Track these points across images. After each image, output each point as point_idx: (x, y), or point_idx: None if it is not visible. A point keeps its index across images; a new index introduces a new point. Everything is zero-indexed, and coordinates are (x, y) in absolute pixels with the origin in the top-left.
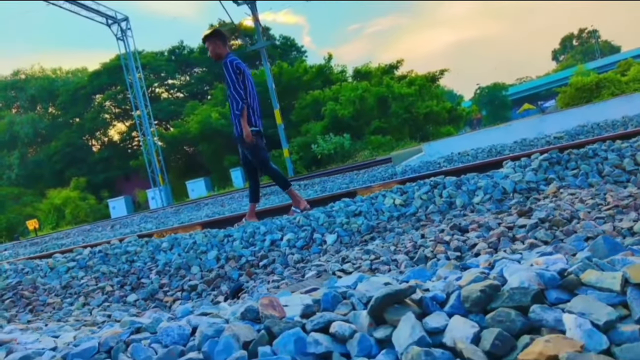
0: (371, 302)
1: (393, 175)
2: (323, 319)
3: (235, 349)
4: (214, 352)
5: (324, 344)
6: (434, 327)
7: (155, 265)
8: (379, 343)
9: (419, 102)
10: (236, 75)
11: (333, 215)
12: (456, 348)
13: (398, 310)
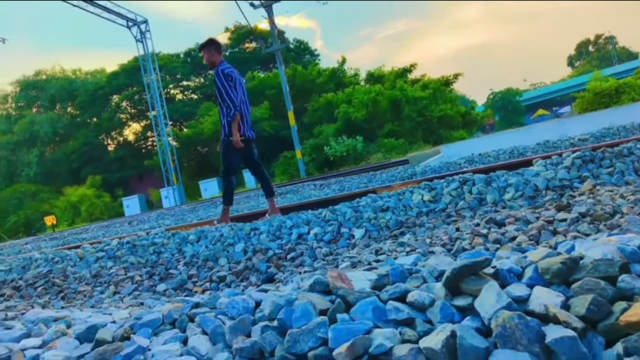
0: (447, 274)
1: (413, 175)
2: (399, 289)
3: (313, 315)
4: (291, 319)
5: (405, 311)
6: (517, 295)
7: (182, 256)
8: (459, 311)
9: (432, 105)
10: (228, 82)
11: (360, 211)
12: (548, 313)
13: (475, 281)
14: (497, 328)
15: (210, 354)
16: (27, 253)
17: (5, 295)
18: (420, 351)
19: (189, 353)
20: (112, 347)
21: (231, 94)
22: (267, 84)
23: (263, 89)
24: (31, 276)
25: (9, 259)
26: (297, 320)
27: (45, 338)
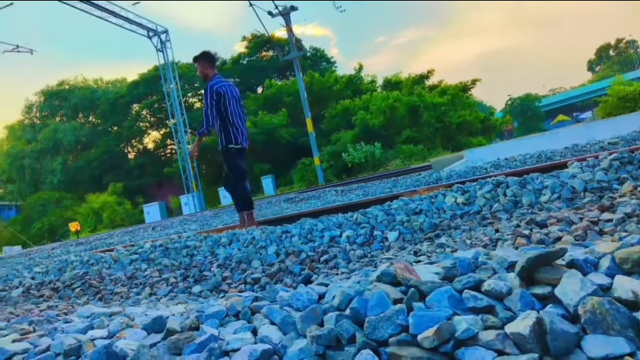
0: (521, 264)
1: (438, 180)
2: (473, 279)
3: (389, 304)
4: (365, 307)
5: (484, 299)
6: (599, 283)
7: (215, 259)
8: (539, 299)
9: (451, 111)
10: (212, 100)
11: (392, 214)
12: (637, 300)
13: (552, 270)
14: (586, 314)
15: (284, 341)
16: (61, 256)
17: (45, 296)
18: (507, 336)
19: (262, 341)
20: (184, 336)
21: (208, 112)
22: (285, 91)
23: (281, 96)
24: (68, 278)
25: (45, 262)
26: (372, 309)
27: (110, 329)
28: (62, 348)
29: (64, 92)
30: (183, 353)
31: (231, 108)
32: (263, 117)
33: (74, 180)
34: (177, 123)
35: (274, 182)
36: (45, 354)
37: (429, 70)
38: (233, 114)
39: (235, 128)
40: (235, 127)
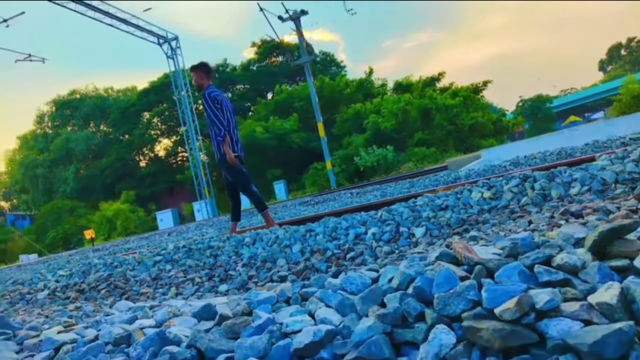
0: (593, 238)
1: (457, 179)
2: (542, 255)
3: (457, 280)
4: (430, 286)
5: (560, 273)
6: None
7: (240, 258)
8: (617, 271)
9: (463, 113)
10: (215, 105)
11: (417, 210)
12: None
13: (626, 243)
14: None
15: (346, 322)
16: (81, 262)
17: (71, 297)
18: (591, 306)
19: (322, 322)
20: (239, 321)
21: (219, 116)
22: (295, 96)
23: (291, 101)
24: (93, 280)
25: (68, 265)
26: (439, 286)
27: (157, 319)
28: (111, 337)
29: (75, 101)
30: (241, 336)
31: (227, 117)
32: (274, 123)
33: (86, 189)
34: (189, 130)
35: (286, 187)
36: (94, 343)
37: (440, 72)
38: (230, 123)
39: (231, 137)
40: (232, 135)
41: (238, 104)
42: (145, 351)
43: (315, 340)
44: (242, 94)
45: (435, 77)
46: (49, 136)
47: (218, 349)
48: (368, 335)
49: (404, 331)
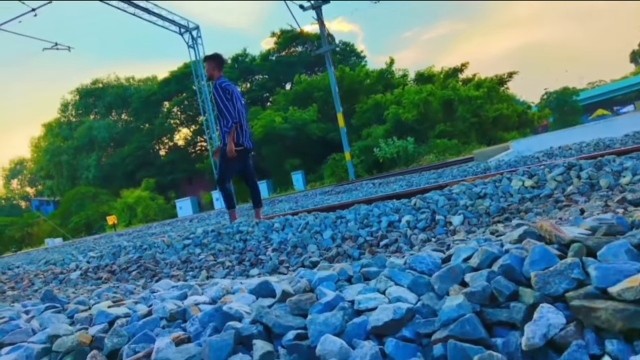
0: None
1: (487, 170)
2: None
3: (555, 258)
4: (521, 263)
5: None
6: None
7: (269, 243)
8: None
9: (487, 105)
10: (225, 95)
11: (454, 198)
12: None
13: None
14: None
15: (425, 300)
16: (107, 245)
17: (103, 278)
18: None
19: (398, 300)
20: (305, 297)
21: (229, 106)
22: (315, 86)
23: (311, 91)
24: (123, 262)
25: (98, 247)
26: (534, 264)
27: (212, 295)
28: (165, 312)
29: (98, 90)
30: (309, 313)
31: (238, 107)
32: (294, 113)
33: (108, 176)
34: (208, 119)
35: (304, 178)
36: (149, 317)
37: (463, 63)
38: (240, 114)
39: (240, 127)
40: (240, 126)
41: (257, 94)
42: (204, 327)
43: (396, 318)
44: (261, 84)
45: (458, 68)
46: (73, 124)
47: (286, 325)
48: (458, 314)
49: (497, 311)
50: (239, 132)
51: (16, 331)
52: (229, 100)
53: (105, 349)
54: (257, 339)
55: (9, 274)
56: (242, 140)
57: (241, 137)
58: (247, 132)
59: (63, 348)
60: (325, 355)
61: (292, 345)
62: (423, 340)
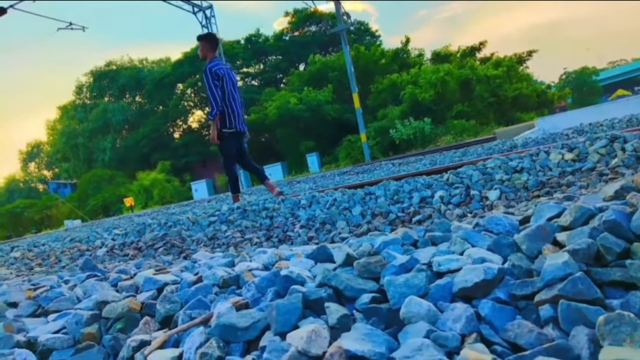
0: None
1: (513, 148)
2: None
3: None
4: (626, 219)
5: None
6: None
7: (297, 220)
8: None
9: (506, 84)
10: (214, 82)
11: (489, 173)
12: None
13: None
14: None
15: (514, 261)
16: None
17: (130, 255)
18: None
19: (483, 261)
20: (374, 260)
21: (216, 94)
22: (329, 66)
23: (325, 71)
24: (149, 239)
25: (122, 225)
26: None
27: (264, 262)
28: (217, 279)
29: (112, 72)
30: (381, 276)
31: (228, 90)
32: (308, 94)
33: (123, 159)
34: None
35: (319, 160)
36: (200, 284)
37: (481, 42)
38: (230, 97)
39: (232, 111)
40: (232, 110)
41: (270, 75)
42: (261, 292)
43: (487, 279)
44: (275, 65)
45: (475, 47)
46: (88, 106)
47: (359, 287)
48: (565, 273)
49: (608, 270)
50: (231, 116)
51: (60, 299)
52: (217, 86)
53: (157, 315)
54: (328, 302)
55: (36, 251)
56: (236, 124)
57: (234, 121)
58: (241, 116)
59: (113, 314)
60: (410, 318)
61: (369, 309)
62: (519, 302)
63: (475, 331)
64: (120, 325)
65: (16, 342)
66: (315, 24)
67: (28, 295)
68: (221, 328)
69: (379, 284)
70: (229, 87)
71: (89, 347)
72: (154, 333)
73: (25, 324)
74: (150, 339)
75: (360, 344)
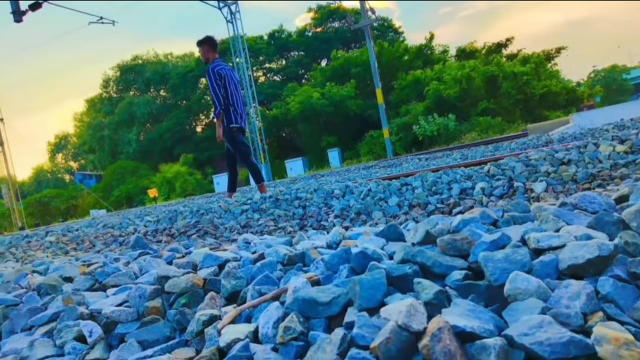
0: None
1: (549, 143)
2: None
3: None
4: None
5: None
6: None
7: (331, 210)
8: None
9: (534, 81)
10: (217, 81)
11: (532, 165)
12: None
13: None
14: None
15: (626, 238)
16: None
17: (163, 241)
18: None
19: (588, 238)
20: (460, 237)
21: (219, 93)
22: (352, 62)
23: (348, 67)
24: (181, 226)
25: (153, 212)
26: None
27: (328, 240)
28: (279, 256)
29: (138, 66)
30: (472, 253)
31: (231, 90)
32: (331, 89)
33: (147, 151)
34: (246, 95)
35: (341, 155)
36: (264, 261)
37: (508, 38)
38: (233, 96)
39: (235, 109)
40: (234, 108)
41: (292, 70)
42: (332, 269)
43: (603, 255)
44: (297, 61)
45: (501, 43)
46: (114, 100)
47: (448, 264)
48: None
49: None
50: (235, 114)
51: (118, 274)
52: (220, 86)
53: (223, 290)
54: (419, 278)
55: (70, 235)
56: (239, 121)
57: (238, 118)
58: (243, 114)
59: (177, 289)
60: (517, 295)
61: (464, 286)
62: (638, 281)
63: (598, 310)
64: (184, 300)
65: (80, 314)
66: (338, 20)
67: (82, 270)
68: (300, 303)
69: (467, 262)
70: (232, 87)
71: (154, 321)
72: (223, 308)
73: (85, 297)
74: (220, 313)
75: (467, 320)
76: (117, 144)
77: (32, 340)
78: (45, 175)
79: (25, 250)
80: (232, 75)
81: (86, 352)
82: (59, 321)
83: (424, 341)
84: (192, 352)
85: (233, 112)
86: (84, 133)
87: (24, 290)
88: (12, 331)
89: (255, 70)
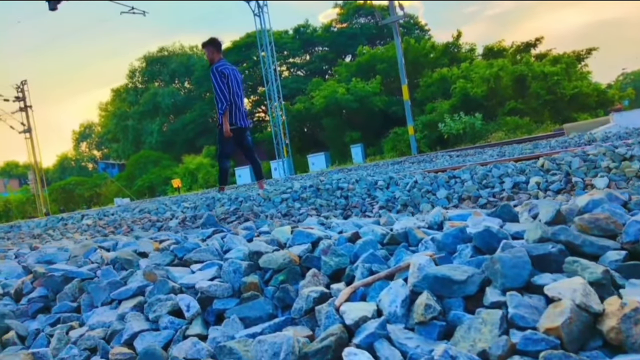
0: None
1: (592, 141)
2: None
3: None
4: None
5: None
6: None
7: (374, 201)
8: None
9: (565, 82)
10: (221, 79)
11: (591, 160)
12: None
13: None
14: None
15: None
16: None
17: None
18: None
19: None
20: (602, 216)
21: (224, 90)
22: (378, 58)
23: (373, 63)
24: (220, 212)
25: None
26: None
27: (429, 221)
28: (376, 235)
29: (164, 58)
30: (624, 233)
31: (234, 89)
32: (356, 84)
33: (169, 142)
34: (271, 89)
35: (364, 151)
36: (363, 239)
37: (537, 37)
38: (235, 95)
39: (236, 107)
40: (235, 106)
41: (316, 65)
42: (445, 249)
43: None
44: (322, 56)
45: (530, 43)
46: (139, 90)
47: (601, 244)
48: None
49: None
50: (235, 113)
51: (199, 249)
52: (224, 84)
53: (326, 267)
54: (575, 257)
55: (106, 219)
56: (236, 120)
57: (235, 117)
58: (243, 112)
59: (274, 265)
60: None
61: (629, 267)
62: None
63: None
64: (282, 277)
65: (171, 287)
66: (364, 15)
67: (155, 246)
68: (431, 280)
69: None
70: (234, 86)
71: (254, 297)
72: (333, 285)
73: (170, 271)
74: (329, 291)
75: None
76: (140, 134)
77: (122, 313)
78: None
79: (63, 233)
80: (235, 74)
81: (185, 327)
82: (148, 295)
83: (611, 323)
84: (307, 330)
85: (235, 111)
86: (108, 122)
87: (96, 265)
88: (91, 304)
89: (280, 64)
